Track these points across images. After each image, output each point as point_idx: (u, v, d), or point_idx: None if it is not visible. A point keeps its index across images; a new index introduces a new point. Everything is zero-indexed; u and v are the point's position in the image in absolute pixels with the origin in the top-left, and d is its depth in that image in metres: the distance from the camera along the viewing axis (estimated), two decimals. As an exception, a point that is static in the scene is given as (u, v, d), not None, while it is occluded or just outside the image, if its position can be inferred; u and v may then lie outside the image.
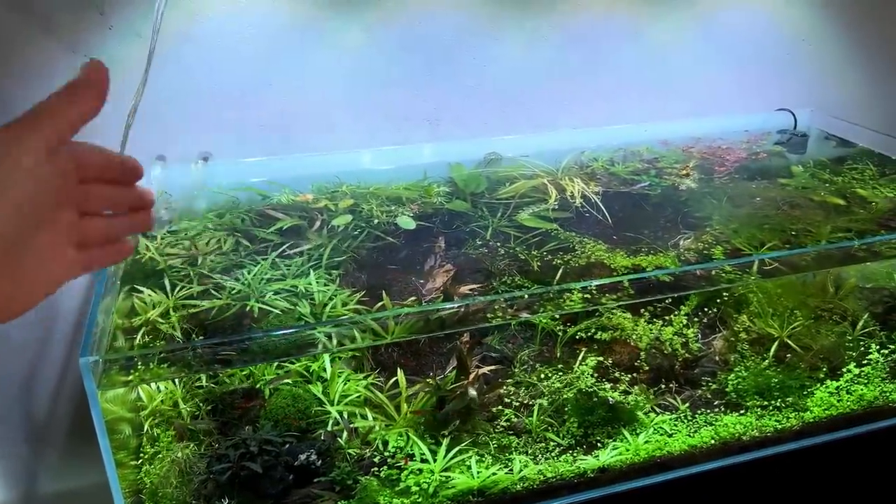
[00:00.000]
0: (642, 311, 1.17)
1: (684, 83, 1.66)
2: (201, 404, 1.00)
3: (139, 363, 0.84)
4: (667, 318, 1.18)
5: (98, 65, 0.54)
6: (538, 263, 1.21)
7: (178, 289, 1.08)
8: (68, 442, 1.53)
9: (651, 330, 1.15)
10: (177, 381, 1.02)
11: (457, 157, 1.52)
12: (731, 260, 1.10)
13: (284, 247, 1.19)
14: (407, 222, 1.27)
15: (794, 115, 1.72)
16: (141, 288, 1.07)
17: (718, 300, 1.22)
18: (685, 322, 1.17)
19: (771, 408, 1.17)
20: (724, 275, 1.06)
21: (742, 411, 1.16)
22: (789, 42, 1.72)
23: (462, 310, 1.00)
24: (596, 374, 1.12)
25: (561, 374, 1.13)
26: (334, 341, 0.96)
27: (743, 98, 1.73)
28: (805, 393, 1.19)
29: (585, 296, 1.04)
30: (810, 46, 1.74)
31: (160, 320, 1.03)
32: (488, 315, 1.03)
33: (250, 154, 1.39)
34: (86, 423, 1.48)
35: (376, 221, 1.28)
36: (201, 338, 0.96)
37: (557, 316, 1.16)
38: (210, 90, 1.34)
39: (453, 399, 1.05)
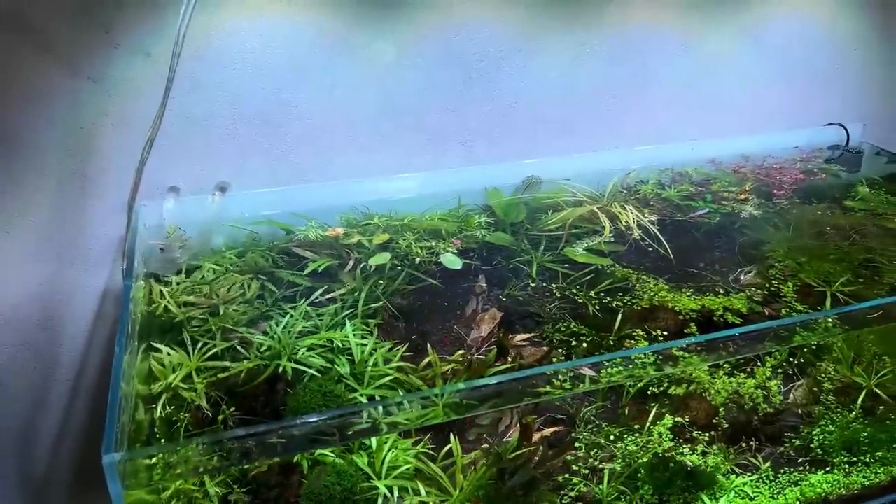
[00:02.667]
0: (721, 362, 1.05)
1: (733, 97, 1.55)
2: (233, 485, 0.87)
3: (166, 457, 0.71)
4: (747, 369, 1.06)
5: None
6: (595, 306, 1.09)
7: (199, 346, 0.95)
8: (68, 496, 1.40)
9: (731, 383, 1.03)
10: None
11: (492, 181, 1.40)
12: (823, 313, 0.98)
13: (316, 293, 1.07)
14: (453, 261, 1.15)
15: (846, 129, 1.61)
16: (158, 346, 0.95)
17: (800, 348, 1.11)
18: (769, 374, 1.05)
19: (860, 464, 1.06)
20: (818, 324, 0.95)
21: (828, 468, 1.05)
22: (840, 52, 1.61)
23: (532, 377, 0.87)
24: (671, 436, 1.00)
25: (631, 433, 1.01)
26: (381, 411, 0.83)
27: (792, 112, 1.63)
28: (895, 446, 1.08)
29: (659, 357, 0.92)
30: (861, 57, 1.63)
31: (182, 385, 0.90)
32: (547, 373, 0.90)
33: (271, 183, 1.27)
34: (89, 478, 1.35)
35: (418, 261, 1.16)
36: (232, 414, 0.83)
37: (634, 382, 1.04)
38: (227, 113, 1.21)
39: (516, 470, 0.93)
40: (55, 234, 1.18)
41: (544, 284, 1.15)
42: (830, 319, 0.91)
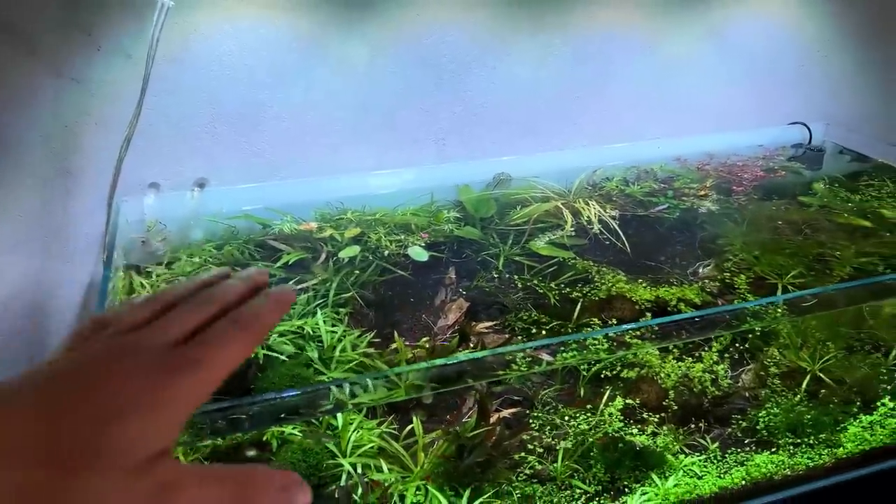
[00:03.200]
0: (671, 347, 1.11)
1: (698, 97, 1.60)
2: (204, 461, 0.93)
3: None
4: (696, 353, 1.12)
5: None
6: (555, 297, 1.15)
7: (176, 333, 1.01)
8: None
9: (680, 367, 1.09)
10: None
11: (464, 177, 1.45)
12: (766, 299, 1.04)
13: (289, 283, 1.12)
14: (419, 253, 1.20)
15: (808, 128, 1.67)
16: (136, 333, 1.00)
17: (747, 333, 1.16)
18: (716, 358, 1.11)
19: (804, 445, 1.11)
20: (761, 311, 1.01)
21: (774, 449, 1.11)
22: (804, 54, 1.67)
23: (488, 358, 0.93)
24: (623, 416, 1.06)
25: (585, 415, 1.07)
26: (347, 390, 0.89)
27: (756, 111, 1.68)
28: (838, 428, 1.13)
29: (610, 334, 0.98)
30: (825, 58, 1.69)
31: (158, 369, 0.95)
32: (507, 359, 0.96)
33: (249, 179, 1.32)
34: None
35: (386, 253, 1.21)
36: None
37: (590, 363, 1.10)
38: (205, 112, 1.27)
39: (474, 448, 0.98)
40: (41, 228, 1.24)
41: (510, 276, 1.21)
42: (769, 307, 0.97)
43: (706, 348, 1.12)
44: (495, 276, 1.21)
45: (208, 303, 0.36)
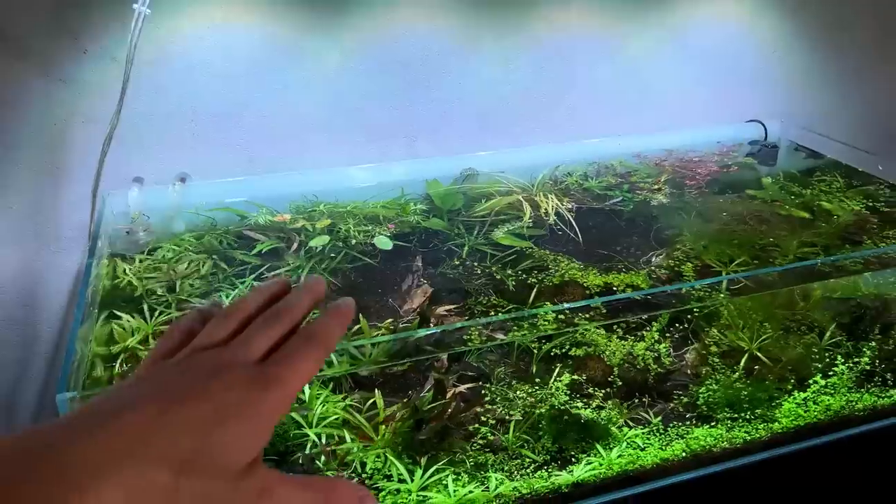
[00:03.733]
0: (615, 327, 1.19)
1: (657, 97, 1.69)
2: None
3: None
4: (639, 333, 1.20)
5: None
6: (513, 283, 1.23)
7: (156, 314, 1.09)
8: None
9: (624, 346, 1.18)
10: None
11: (434, 173, 1.54)
12: (700, 281, 1.13)
13: (262, 269, 1.21)
14: (384, 242, 1.29)
15: (764, 126, 1.76)
16: (119, 314, 1.08)
17: (690, 315, 1.25)
18: (657, 338, 1.19)
19: (741, 420, 1.20)
20: (694, 293, 1.09)
21: (713, 424, 1.19)
22: (760, 54, 1.76)
23: (438, 334, 1.02)
24: (570, 391, 1.14)
25: (536, 389, 1.15)
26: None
27: (715, 110, 1.77)
28: (774, 404, 1.22)
29: (560, 316, 1.07)
30: (781, 58, 1.77)
31: (140, 347, 1.04)
32: (465, 338, 1.05)
33: (228, 174, 1.41)
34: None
35: (353, 242, 1.30)
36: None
37: (536, 339, 1.19)
38: (187, 112, 1.35)
39: (430, 421, 1.07)
40: (32, 220, 1.32)
41: (472, 264, 1.30)
42: (704, 289, 1.05)
43: (648, 328, 1.20)
44: (459, 264, 1.30)
45: (278, 319, 0.40)
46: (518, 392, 1.14)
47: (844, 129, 1.84)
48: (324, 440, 1.05)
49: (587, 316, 1.09)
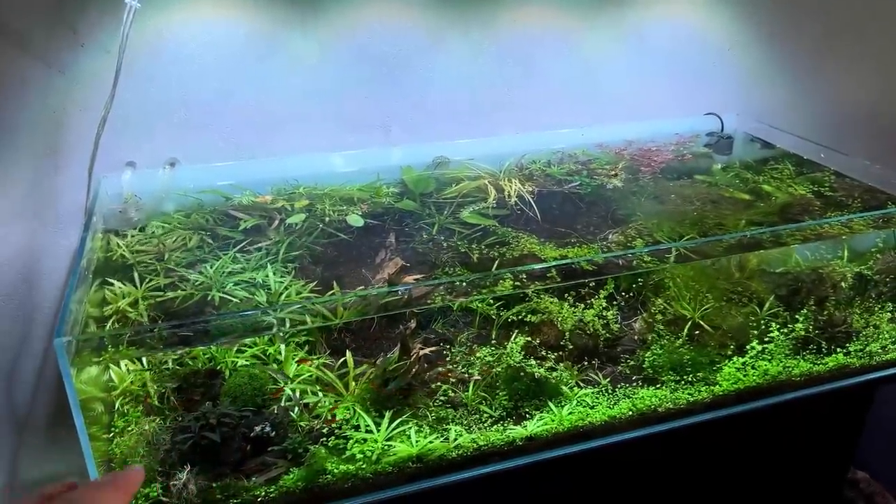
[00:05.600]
0: (567, 295, 1.30)
1: (618, 91, 1.80)
2: (168, 384, 1.11)
3: (109, 345, 0.95)
4: (590, 301, 1.31)
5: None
6: (477, 256, 1.34)
7: (146, 281, 1.20)
8: (49, 430, 1.63)
9: (574, 312, 1.28)
10: (145, 362, 1.13)
11: (408, 160, 1.65)
12: (644, 248, 1.24)
13: (244, 243, 1.31)
14: (356, 220, 1.40)
15: (720, 118, 1.87)
16: (112, 281, 1.19)
17: (637, 285, 1.36)
18: (605, 305, 1.30)
19: (684, 382, 1.31)
20: (642, 262, 1.20)
21: (658, 385, 1.30)
22: (715, 51, 1.87)
23: (404, 296, 1.12)
24: (525, 352, 1.25)
25: (494, 351, 1.26)
26: (287, 325, 1.08)
27: (674, 103, 1.88)
28: (715, 368, 1.33)
29: (516, 283, 1.18)
30: (734, 55, 1.89)
31: (129, 309, 1.14)
32: (429, 301, 1.16)
33: (215, 159, 1.51)
34: (66, 412, 1.59)
35: (328, 220, 1.40)
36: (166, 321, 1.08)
37: (492, 301, 1.29)
38: (176, 100, 1.46)
39: (396, 378, 1.17)
40: (32, 201, 1.42)
41: (442, 240, 1.40)
42: (647, 256, 1.16)
43: (596, 296, 1.31)
44: (429, 239, 1.40)
45: None
46: (478, 354, 1.25)
47: (797, 122, 1.95)
48: (298, 394, 1.16)
49: (542, 284, 1.20)
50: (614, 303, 1.32)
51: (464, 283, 1.15)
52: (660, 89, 1.84)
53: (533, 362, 1.23)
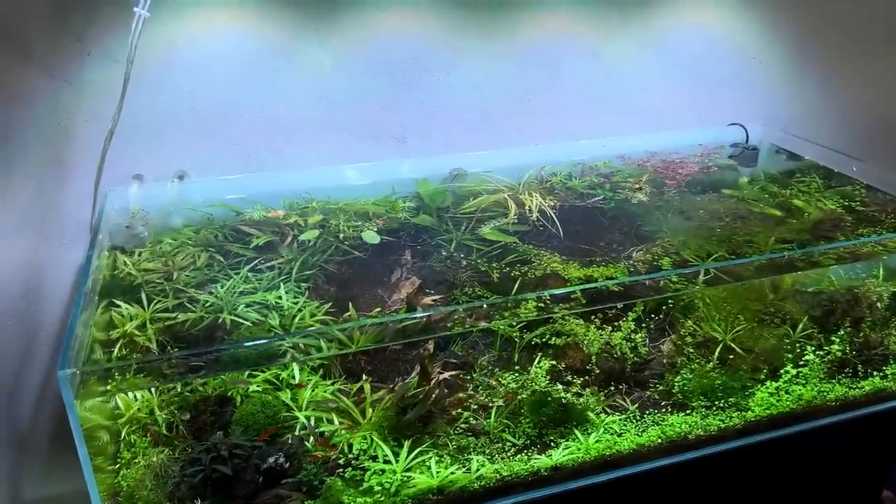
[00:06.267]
0: (593, 317, 1.24)
1: (641, 100, 1.75)
2: (176, 412, 1.06)
3: (116, 374, 0.90)
4: (616, 323, 1.25)
5: None
6: (497, 275, 1.29)
7: (154, 302, 1.14)
8: (51, 449, 1.58)
9: (601, 335, 1.23)
10: (152, 390, 1.08)
11: (424, 173, 1.59)
12: (675, 270, 1.18)
13: (256, 261, 1.26)
14: (372, 237, 1.34)
15: (745, 129, 1.81)
16: (118, 302, 1.14)
17: (666, 307, 1.30)
18: (633, 327, 1.24)
19: (715, 408, 1.25)
20: (668, 283, 1.14)
21: (688, 411, 1.24)
22: (740, 59, 1.81)
23: (424, 320, 1.07)
24: (550, 377, 1.19)
25: (517, 375, 1.20)
26: (303, 354, 1.03)
27: (697, 113, 1.83)
28: (747, 394, 1.27)
29: (539, 305, 1.12)
30: (761, 64, 1.83)
31: (137, 333, 1.09)
32: (449, 325, 1.10)
33: (225, 172, 1.46)
34: (67, 430, 1.54)
35: (342, 236, 1.35)
36: (174, 349, 1.02)
37: (514, 324, 1.24)
38: (186, 112, 1.41)
39: (415, 405, 1.12)
40: (36, 215, 1.37)
41: (460, 258, 1.35)
42: (677, 279, 1.10)
43: (624, 318, 1.25)
44: (446, 257, 1.35)
45: None
46: (500, 379, 1.19)
47: (824, 132, 1.89)
48: (312, 422, 1.10)
49: (567, 306, 1.15)
50: (642, 325, 1.26)
51: (487, 308, 1.09)
52: (683, 98, 1.79)
53: (559, 387, 1.18)
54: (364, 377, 1.16)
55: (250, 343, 0.95)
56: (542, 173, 1.62)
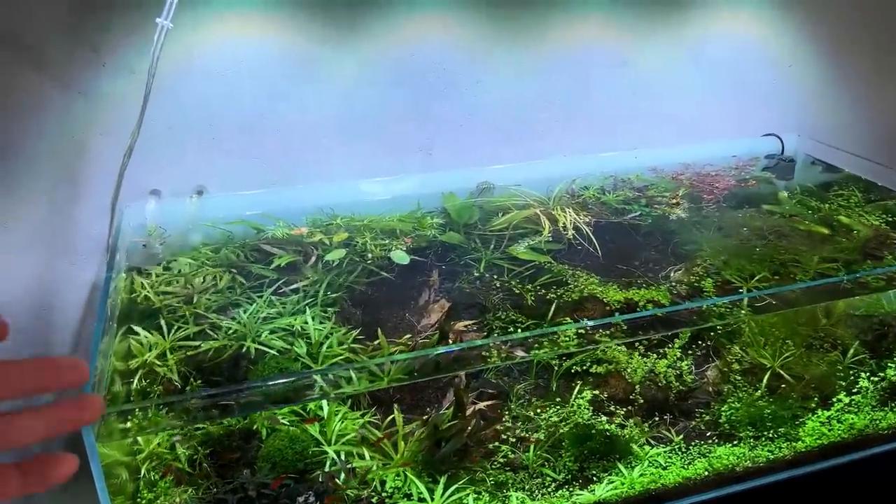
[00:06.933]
0: (637, 344, 1.18)
1: (673, 109, 1.68)
2: (199, 447, 1.00)
3: (138, 412, 0.84)
4: (661, 350, 1.19)
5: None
6: (532, 298, 1.22)
7: (174, 329, 1.08)
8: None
9: (645, 363, 1.16)
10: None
11: (450, 186, 1.53)
12: (724, 298, 1.11)
13: (279, 283, 1.20)
14: (401, 257, 1.28)
15: (781, 140, 1.75)
16: (137, 329, 1.07)
17: (711, 332, 1.23)
18: (679, 355, 1.18)
19: (764, 439, 1.18)
20: (715, 309, 1.08)
21: (735, 442, 1.17)
22: (775, 68, 1.75)
23: (458, 352, 1.00)
24: (591, 408, 1.13)
25: (557, 407, 1.14)
26: (334, 388, 0.96)
27: (730, 123, 1.76)
28: (797, 423, 1.20)
29: (580, 331, 1.05)
30: (796, 71, 1.77)
31: (157, 362, 1.03)
32: (484, 354, 1.04)
33: (245, 187, 1.40)
34: (79, 460, 1.47)
35: (370, 256, 1.29)
36: (199, 386, 0.96)
37: (557, 355, 1.17)
38: (205, 124, 1.35)
39: (450, 438, 1.05)
40: (48, 232, 1.31)
41: (491, 278, 1.28)
42: (729, 306, 1.04)
43: (670, 345, 1.19)
44: (476, 278, 1.28)
45: None
46: (539, 410, 1.13)
47: (861, 143, 1.83)
48: (342, 457, 1.04)
49: (608, 332, 1.08)
50: (688, 352, 1.20)
51: (525, 338, 1.03)
52: (716, 108, 1.72)
53: (603, 419, 1.11)
54: (394, 406, 1.10)
55: (279, 381, 0.88)
56: (573, 187, 1.55)
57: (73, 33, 1.21)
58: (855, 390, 1.23)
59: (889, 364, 1.25)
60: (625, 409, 1.15)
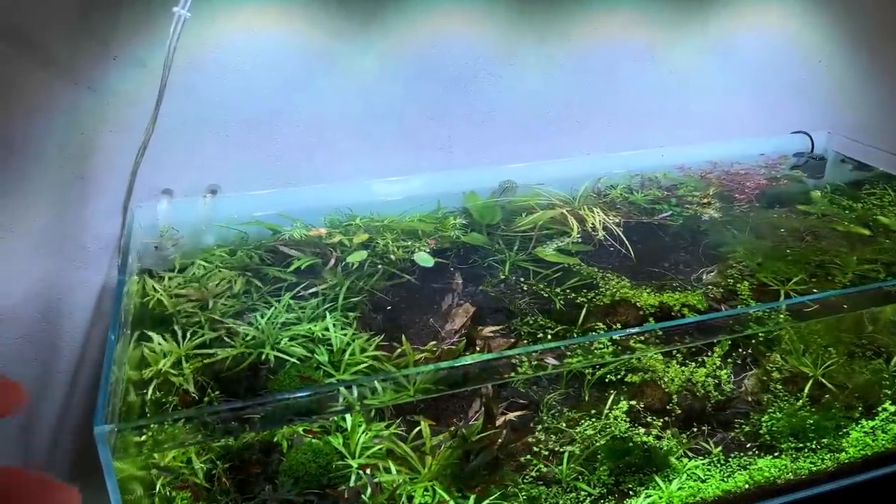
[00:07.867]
0: (674, 352, 1.13)
1: (700, 106, 1.63)
2: (218, 461, 0.95)
3: (154, 426, 0.79)
4: (699, 358, 1.14)
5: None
6: (561, 302, 1.17)
7: (189, 336, 1.03)
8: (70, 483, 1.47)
9: (683, 372, 1.11)
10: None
11: (471, 185, 1.47)
12: (767, 304, 1.06)
13: (298, 288, 1.14)
14: (425, 259, 1.22)
15: (811, 137, 1.69)
16: (151, 335, 1.02)
17: (751, 339, 1.18)
18: (718, 363, 1.13)
19: (806, 450, 1.13)
20: (760, 316, 1.02)
21: (776, 454, 1.12)
22: (805, 64, 1.69)
23: (491, 361, 0.95)
24: (627, 419, 1.07)
25: (590, 419, 1.08)
26: (355, 393, 0.91)
27: (758, 120, 1.70)
28: (840, 434, 1.15)
29: (615, 338, 1.00)
30: (826, 68, 1.71)
31: (172, 371, 0.98)
32: (513, 361, 0.98)
33: (260, 186, 1.35)
34: (87, 467, 1.42)
35: (392, 258, 1.23)
36: (217, 398, 0.91)
37: (592, 365, 1.12)
38: (219, 120, 1.29)
39: (480, 451, 1.00)
40: (56, 233, 1.26)
41: (516, 281, 1.23)
42: (771, 312, 0.98)
43: (708, 353, 1.13)
44: (501, 280, 1.23)
45: None
46: (571, 421, 1.08)
47: (892, 140, 1.77)
48: (368, 471, 0.99)
49: (641, 338, 1.03)
50: (727, 360, 1.14)
51: (565, 349, 0.97)
52: (745, 105, 1.66)
53: (640, 431, 1.06)
54: (421, 417, 1.04)
55: (303, 394, 0.83)
56: (599, 185, 1.50)
57: (82, 25, 1.15)
58: (900, 399, 1.17)
59: (935, 372, 1.19)
60: (661, 420, 1.09)
